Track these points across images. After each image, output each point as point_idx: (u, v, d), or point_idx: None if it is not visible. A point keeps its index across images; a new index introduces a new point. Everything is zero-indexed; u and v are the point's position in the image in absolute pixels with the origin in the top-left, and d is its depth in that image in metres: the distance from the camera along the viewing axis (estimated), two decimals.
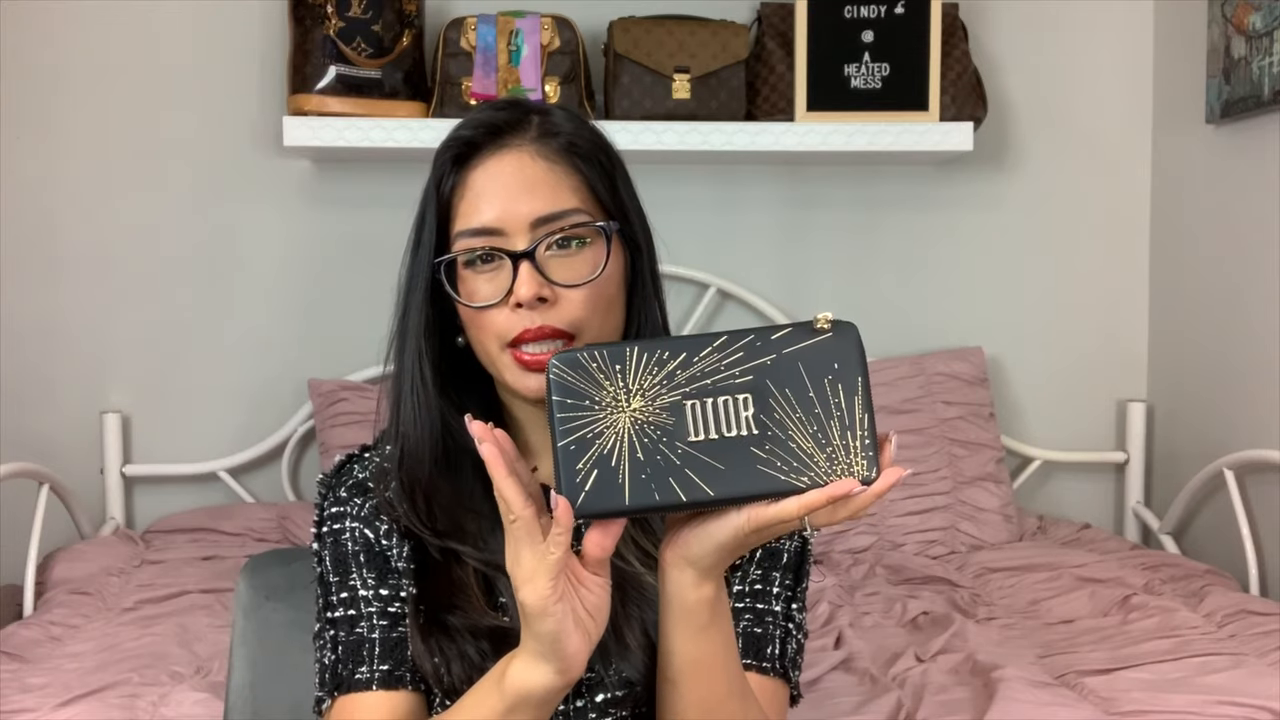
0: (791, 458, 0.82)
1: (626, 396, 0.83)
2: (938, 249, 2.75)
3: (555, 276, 0.99)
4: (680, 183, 2.66)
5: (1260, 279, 2.35)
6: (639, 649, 1.00)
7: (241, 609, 1.31)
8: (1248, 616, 1.94)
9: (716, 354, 0.84)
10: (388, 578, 1.03)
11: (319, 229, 2.64)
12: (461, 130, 1.04)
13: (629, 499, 0.82)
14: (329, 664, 1.03)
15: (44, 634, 1.97)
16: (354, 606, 1.03)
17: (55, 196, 2.58)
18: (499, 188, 1.00)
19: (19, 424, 2.55)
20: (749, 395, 0.83)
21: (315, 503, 1.09)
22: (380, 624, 1.02)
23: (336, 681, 1.02)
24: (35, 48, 2.55)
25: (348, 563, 1.04)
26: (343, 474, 1.09)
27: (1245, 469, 2.37)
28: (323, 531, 1.07)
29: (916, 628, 1.99)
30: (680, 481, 0.82)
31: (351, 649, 1.02)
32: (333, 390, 2.51)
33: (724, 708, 0.95)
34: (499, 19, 2.43)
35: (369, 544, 1.04)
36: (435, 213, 1.03)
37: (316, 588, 1.06)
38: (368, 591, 1.03)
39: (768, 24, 2.56)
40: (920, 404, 2.54)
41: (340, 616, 1.03)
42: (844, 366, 0.84)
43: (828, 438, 0.83)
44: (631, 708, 1.02)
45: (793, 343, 0.84)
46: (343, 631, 1.03)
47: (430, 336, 1.04)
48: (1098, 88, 2.75)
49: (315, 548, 1.07)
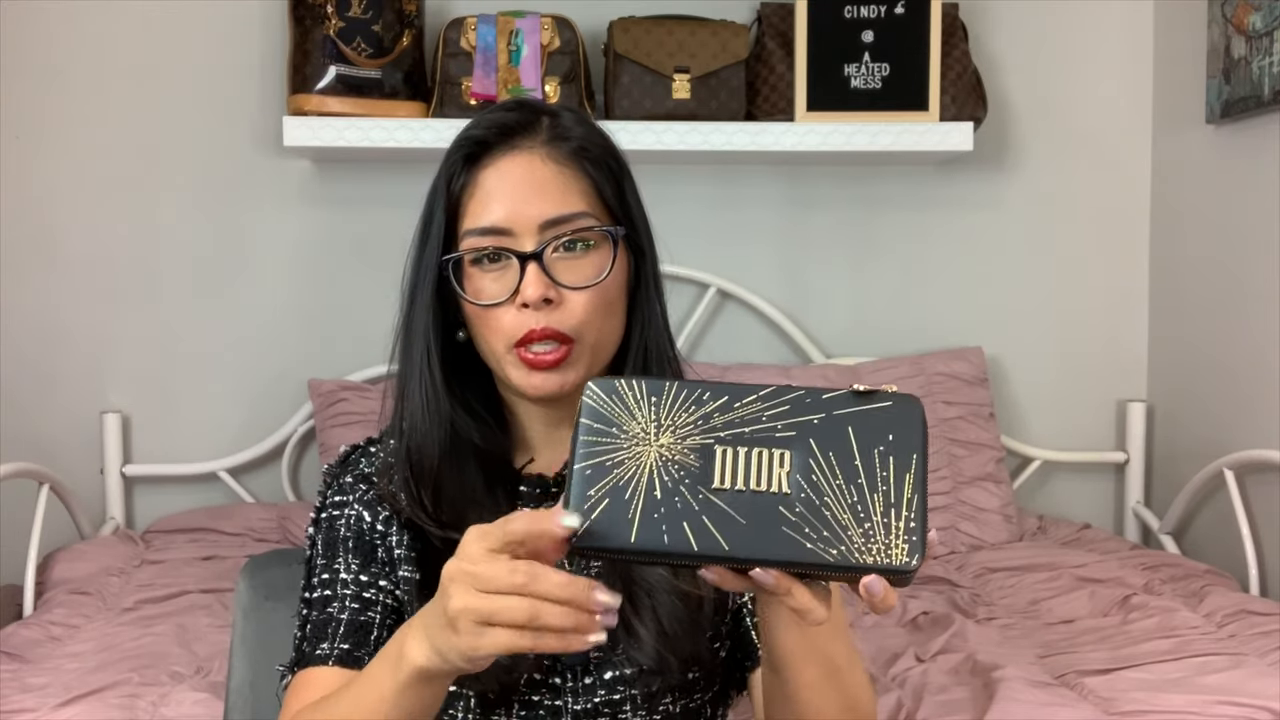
0: (824, 526, 0.75)
1: (657, 431, 0.78)
2: (938, 249, 2.75)
3: (561, 278, 1.01)
4: (680, 183, 2.65)
5: (1260, 279, 2.35)
6: (651, 637, 1.00)
7: (241, 609, 1.31)
8: (1248, 616, 1.94)
9: (760, 403, 0.78)
10: (370, 565, 1.05)
11: (319, 229, 2.64)
12: (473, 130, 1.05)
13: (635, 537, 0.75)
14: (295, 642, 1.05)
15: (44, 634, 1.97)
16: (331, 588, 1.04)
17: (55, 196, 2.58)
18: (509, 188, 1.02)
19: (19, 424, 2.55)
20: (787, 451, 0.76)
21: (319, 490, 1.11)
22: (351, 606, 1.03)
23: (298, 657, 1.04)
24: (35, 48, 2.55)
25: (336, 547, 1.06)
26: (348, 465, 1.11)
27: (1245, 469, 2.37)
28: (320, 517, 1.09)
29: (916, 628, 1.99)
30: (695, 529, 0.75)
31: (318, 627, 1.03)
32: (333, 390, 2.51)
33: (834, 683, 0.93)
34: (499, 19, 2.43)
35: (361, 532, 1.06)
36: (444, 210, 1.04)
37: (302, 570, 1.08)
38: (348, 575, 1.05)
39: (768, 24, 2.56)
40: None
41: (316, 597, 1.05)
42: (900, 440, 0.76)
43: (868, 513, 0.75)
44: (643, 687, 1.02)
45: (846, 405, 0.77)
46: (315, 611, 1.04)
47: (437, 332, 1.06)
48: (1098, 88, 2.75)
49: (310, 532, 1.09)
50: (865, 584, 0.74)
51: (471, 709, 1.01)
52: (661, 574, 1.02)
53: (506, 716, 1.02)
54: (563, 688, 1.02)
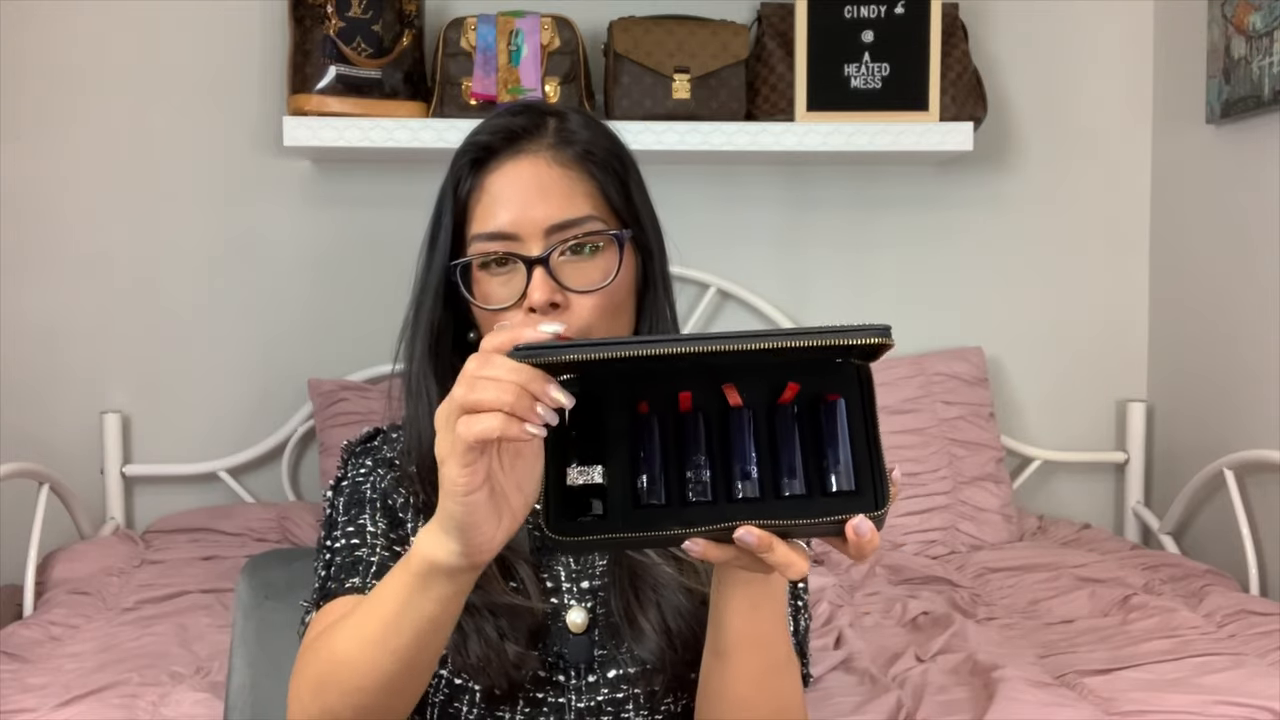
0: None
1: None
2: (938, 249, 2.75)
3: (568, 282, 1.01)
4: (680, 183, 2.65)
5: (1260, 279, 2.35)
6: (654, 633, 1.02)
7: (241, 609, 1.31)
8: (1248, 616, 1.94)
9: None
10: (397, 528, 1.05)
11: (319, 229, 2.64)
12: (479, 135, 1.06)
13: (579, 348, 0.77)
14: (319, 582, 1.04)
15: (44, 634, 1.97)
16: (359, 536, 1.04)
17: (55, 196, 2.58)
18: (515, 193, 1.03)
19: (19, 424, 2.55)
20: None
21: (338, 465, 1.11)
22: (382, 552, 1.03)
23: (324, 593, 1.03)
24: (36, 48, 2.55)
25: (362, 505, 1.06)
26: (370, 447, 1.12)
27: (1245, 469, 2.37)
28: (342, 484, 1.09)
29: (916, 628, 1.99)
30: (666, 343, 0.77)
31: (346, 567, 1.02)
32: (333, 390, 2.51)
33: (772, 681, 0.96)
34: (499, 19, 2.43)
35: (385, 499, 1.06)
36: (451, 215, 1.05)
37: (321, 531, 1.07)
38: (374, 528, 1.04)
39: (768, 24, 2.56)
40: (920, 404, 2.55)
41: (340, 545, 1.04)
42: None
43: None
44: (646, 685, 1.03)
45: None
46: (340, 556, 1.03)
47: (443, 334, 1.07)
48: (1098, 88, 2.75)
49: (329, 495, 1.08)
50: (853, 527, 0.76)
51: (477, 704, 1.02)
52: (668, 571, 1.02)
53: (511, 713, 1.02)
54: (566, 685, 1.02)
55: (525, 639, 1.01)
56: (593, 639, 1.03)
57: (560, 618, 1.04)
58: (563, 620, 1.04)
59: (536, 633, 1.02)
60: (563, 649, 1.03)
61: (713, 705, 0.97)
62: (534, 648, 1.02)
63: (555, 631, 1.03)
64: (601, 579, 1.05)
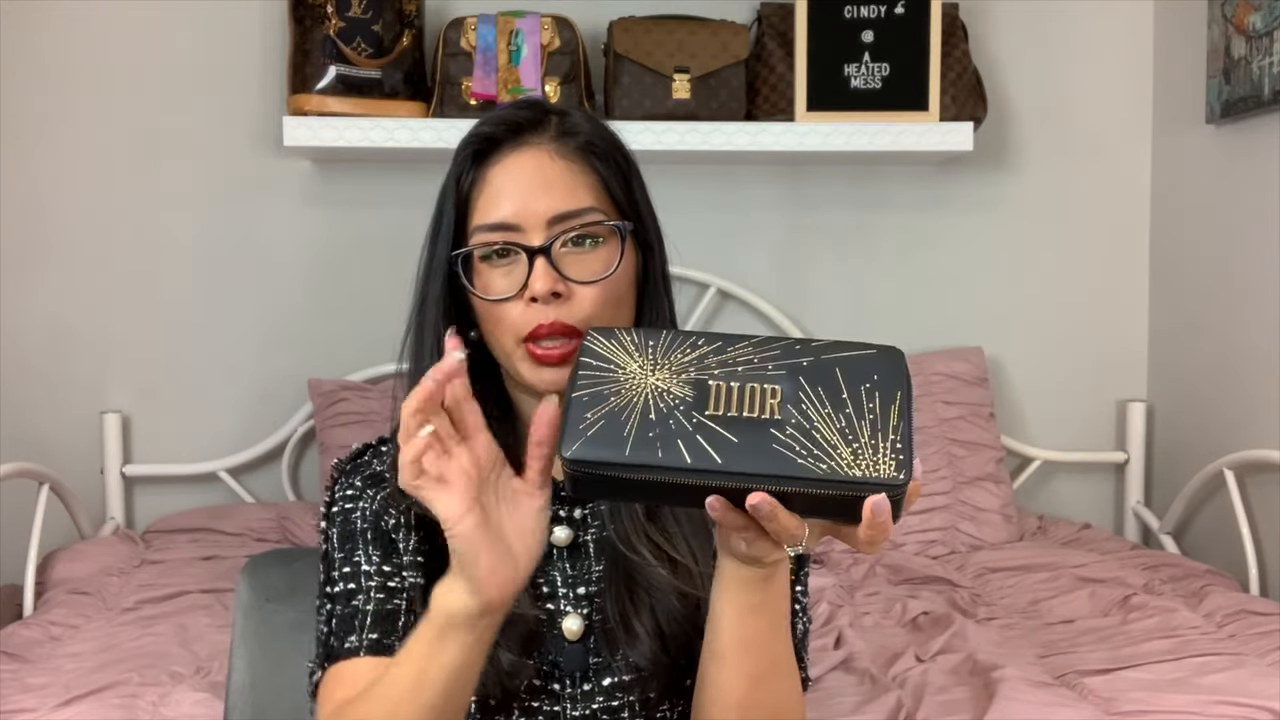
0: (813, 444, 0.78)
1: (653, 369, 0.82)
2: (938, 249, 2.75)
3: (569, 273, 1.01)
4: (680, 183, 2.65)
5: (1260, 279, 2.35)
6: (648, 637, 1.01)
7: (241, 609, 1.31)
8: (1248, 616, 1.94)
9: (752, 349, 0.83)
10: (392, 556, 1.05)
11: (319, 229, 2.64)
12: (482, 127, 1.06)
13: (629, 451, 0.78)
14: (322, 638, 1.04)
15: (44, 634, 1.97)
16: (354, 580, 1.04)
17: (55, 196, 2.58)
18: (517, 184, 1.02)
19: (19, 424, 2.55)
20: (778, 385, 0.81)
21: (326, 486, 1.10)
22: (376, 597, 1.03)
23: (327, 653, 1.03)
24: (35, 47, 2.55)
25: (355, 539, 1.05)
26: (359, 464, 1.11)
27: (1245, 469, 2.37)
28: (333, 511, 1.08)
29: (916, 628, 1.99)
30: (689, 446, 0.78)
31: (344, 621, 1.03)
32: (333, 390, 2.51)
33: (771, 683, 0.96)
34: (499, 19, 2.43)
35: (377, 524, 1.06)
36: (454, 207, 1.04)
37: (320, 565, 1.07)
38: (370, 566, 1.04)
39: (768, 24, 2.56)
40: (920, 404, 2.54)
41: (339, 591, 1.04)
42: (884, 379, 0.81)
43: (856, 435, 0.79)
44: (640, 693, 1.02)
45: (833, 351, 0.82)
46: (339, 605, 1.04)
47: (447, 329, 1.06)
48: (1098, 88, 2.75)
49: (323, 525, 1.08)
50: (871, 503, 0.76)
51: (472, 715, 1.01)
52: (663, 574, 1.01)
53: None
54: (561, 694, 1.02)
55: (518, 646, 1.00)
56: (588, 646, 1.03)
57: (556, 624, 1.03)
58: (558, 627, 1.03)
59: (530, 640, 1.02)
60: (558, 657, 1.02)
61: (710, 708, 0.97)
62: (528, 655, 1.01)
63: (550, 639, 1.03)
64: (598, 584, 1.05)
